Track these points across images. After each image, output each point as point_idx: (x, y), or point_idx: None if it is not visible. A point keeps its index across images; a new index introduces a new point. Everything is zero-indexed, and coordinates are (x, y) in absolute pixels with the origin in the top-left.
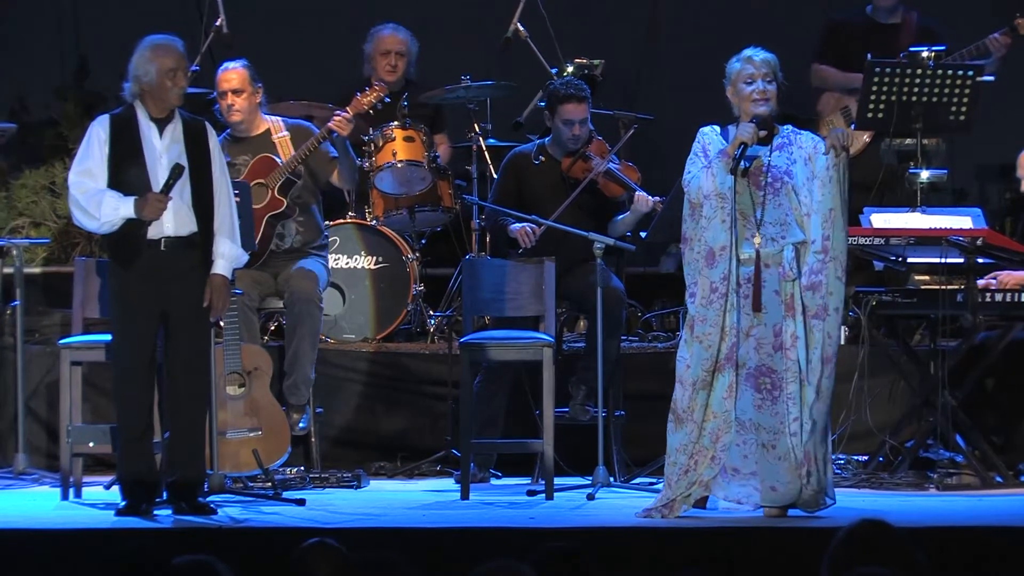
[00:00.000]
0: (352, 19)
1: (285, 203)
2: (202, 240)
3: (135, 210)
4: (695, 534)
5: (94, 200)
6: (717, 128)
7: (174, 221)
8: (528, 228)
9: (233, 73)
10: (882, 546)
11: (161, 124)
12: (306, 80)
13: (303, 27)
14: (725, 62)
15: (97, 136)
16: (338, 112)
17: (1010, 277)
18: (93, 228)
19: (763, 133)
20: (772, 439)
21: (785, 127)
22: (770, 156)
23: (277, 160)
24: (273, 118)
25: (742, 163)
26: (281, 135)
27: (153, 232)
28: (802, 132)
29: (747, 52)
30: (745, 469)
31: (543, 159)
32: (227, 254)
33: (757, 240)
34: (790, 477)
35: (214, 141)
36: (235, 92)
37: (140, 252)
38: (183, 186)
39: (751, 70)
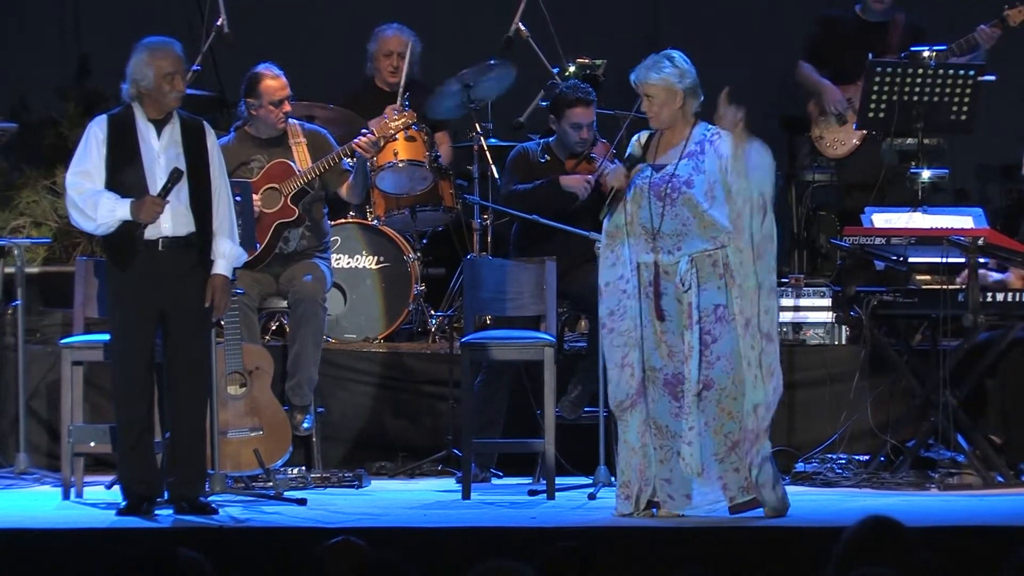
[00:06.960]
0: (354, 18)
1: (297, 212)
2: (199, 240)
3: (131, 212)
4: (696, 534)
5: (91, 201)
6: (643, 137)
7: (172, 221)
8: (586, 178)
9: (283, 79)
10: (890, 545)
11: (159, 125)
12: (307, 80)
13: (304, 26)
14: (726, 62)
15: (95, 136)
16: (365, 131)
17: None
18: (90, 229)
19: (639, 167)
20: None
21: (703, 127)
22: (677, 165)
23: (294, 167)
24: (290, 121)
25: (617, 203)
26: (298, 140)
27: (151, 232)
28: (723, 135)
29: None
30: (661, 475)
31: (548, 159)
32: (227, 254)
33: (656, 255)
34: (698, 484)
35: (212, 141)
36: (290, 98)
37: (137, 253)
38: (181, 186)
39: (639, 88)
